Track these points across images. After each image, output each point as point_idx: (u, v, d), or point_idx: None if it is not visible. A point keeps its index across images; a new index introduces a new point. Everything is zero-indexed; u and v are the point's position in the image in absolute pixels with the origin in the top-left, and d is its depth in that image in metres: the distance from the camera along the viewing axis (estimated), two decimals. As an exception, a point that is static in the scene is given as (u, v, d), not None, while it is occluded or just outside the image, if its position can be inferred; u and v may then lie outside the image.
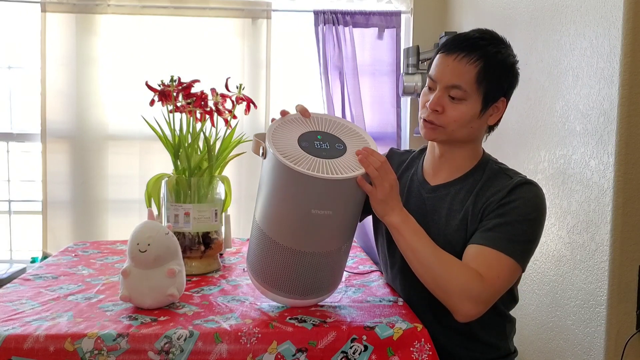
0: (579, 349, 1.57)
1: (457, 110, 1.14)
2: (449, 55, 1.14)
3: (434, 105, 1.14)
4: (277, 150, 1.05)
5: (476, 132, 1.19)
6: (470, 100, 1.14)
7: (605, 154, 1.45)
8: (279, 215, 1.10)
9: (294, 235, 1.09)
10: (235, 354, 1.02)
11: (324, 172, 1.03)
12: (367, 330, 1.06)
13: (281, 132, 1.10)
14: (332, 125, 1.16)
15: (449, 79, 1.13)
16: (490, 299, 1.08)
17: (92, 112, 2.65)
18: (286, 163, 1.02)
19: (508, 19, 2.04)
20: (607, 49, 1.45)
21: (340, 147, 1.11)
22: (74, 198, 2.67)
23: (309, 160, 1.05)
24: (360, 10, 2.71)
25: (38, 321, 1.08)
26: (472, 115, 1.15)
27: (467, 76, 1.12)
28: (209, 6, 2.67)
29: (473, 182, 1.20)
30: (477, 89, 1.13)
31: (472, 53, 1.12)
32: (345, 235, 1.13)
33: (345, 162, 1.07)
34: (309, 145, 1.09)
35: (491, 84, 1.14)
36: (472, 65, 1.12)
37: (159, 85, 1.48)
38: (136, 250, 1.13)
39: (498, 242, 1.09)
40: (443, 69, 1.15)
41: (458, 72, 1.13)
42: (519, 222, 1.10)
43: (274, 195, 1.09)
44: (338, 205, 1.07)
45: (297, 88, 2.93)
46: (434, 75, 1.16)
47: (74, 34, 2.62)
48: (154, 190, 1.50)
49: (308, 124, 1.14)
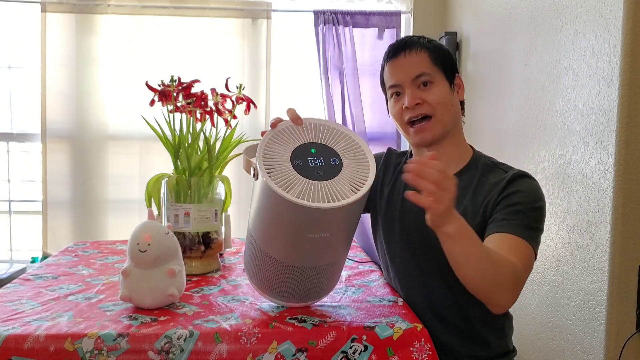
0: (578, 349, 1.57)
1: (433, 92, 1.20)
2: (397, 58, 1.22)
3: (412, 100, 1.19)
4: (269, 173, 1.00)
5: (458, 112, 1.24)
6: (437, 81, 1.21)
7: (605, 154, 1.45)
8: (272, 234, 1.06)
9: (288, 253, 1.07)
10: (235, 353, 1.02)
11: (320, 198, 0.98)
12: (367, 330, 1.06)
13: (272, 149, 1.04)
14: (326, 134, 1.10)
15: (411, 73, 1.20)
16: (522, 286, 1.07)
17: (92, 112, 2.65)
18: (279, 192, 0.97)
19: (508, 19, 2.04)
20: (607, 49, 1.45)
21: (335, 162, 1.05)
22: (74, 198, 2.67)
23: (302, 184, 0.99)
24: (360, 10, 2.71)
25: (38, 321, 1.08)
26: (447, 92, 1.21)
27: (423, 62, 1.20)
28: (209, 6, 2.67)
29: (468, 179, 1.20)
30: (437, 69, 1.21)
31: (414, 46, 1.22)
32: (343, 248, 1.11)
33: (342, 182, 1.02)
34: (303, 164, 1.03)
35: (444, 63, 1.22)
36: (421, 53, 1.21)
37: (159, 85, 1.49)
38: (136, 250, 1.13)
39: (516, 228, 1.09)
40: (400, 70, 1.22)
41: (413, 63, 1.20)
42: (529, 210, 1.11)
43: (267, 217, 1.05)
44: (335, 228, 1.04)
45: (297, 88, 2.93)
46: (395, 81, 1.22)
47: (74, 34, 2.61)
48: (154, 190, 1.50)
49: (300, 133, 1.08)
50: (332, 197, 0.99)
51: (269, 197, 1.01)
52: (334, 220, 1.02)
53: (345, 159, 1.07)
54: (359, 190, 1.01)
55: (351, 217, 1.06)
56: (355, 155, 1.08)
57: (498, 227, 1.10)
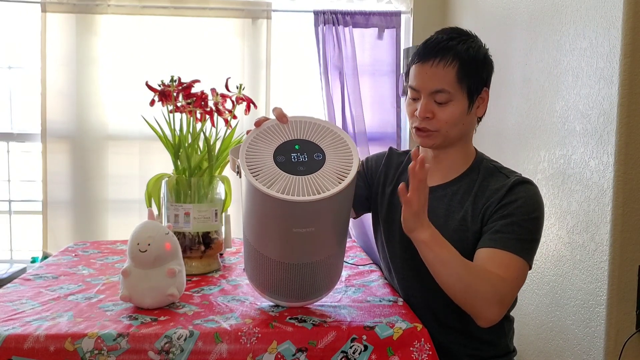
0: (578, 349, 1.57)
1: (446, 112, 1.16)
2: (425, 63, 1.16)
3: (423, 112, 1.16)
4: (251, 170, 1.00)
5: (468, 127, 1.21)
6: (456, 100, 1.16)
7: (605, 154, 1.45)
8: (261, 231, 1.07)
9: (279, 250, 1.07)
10: (235, 353, 1.02)
11: (302, 192, 0.98)
12: (367, 330, 1.06)
13: (256, 147, 1.05)
14: (311, 130, 1.10)
15: (431, 86, 1.15)
16: (511, 300, 1.09)
17: (92, 112, 2.65)
18: (259, 187, 0.98)
19: (508, 19, 2.04)
20: (607, 49, 1.45)
21: (319, 157, 1.05)
22: (74, 198, 2.67)
23: (284, 180, 1.00)
24: (360, 10, 2.71)
25: (38, 321, 1.08)
26: (461, 112, 1.17)
27: (447, 78, 1.15)
28: (209, 6, 2.67)
29: (470, 182, 1.20)
30: (459, 87, 1.15)
31: (446, 55, 1.15)
32: (334, 243, 1.11)
33: (324, 175, 1.02)
34: (286, 159, 1.04)
35: (471, 79, 1.17)
36: (449, 67, 1.14)
37: (159, 85, 1.49)
38: (136, 250, 1.13)
39: (508, 243, 1.09)
40: (422, 78, 1.17)
41: (438, 77, 1.15)
42: (524, 222, 1.11)
43: (253, 214, 1.06)
44: (320, 222, 1.04)
45: (297, 88, 2.93)
46: (415, 85, 1.18)
47: (74, 34, 2.61)
48: (154, 190, 1.50)
49: (285, 131, 1.08)
50: (315, 190, 0.99)
51: (253, 195, 1.02)
52: (317, 214, 1.02)
53: (329, 154, 1.07)
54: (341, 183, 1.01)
55: (337, 210, 1.06)
56: (339, 149, 1.08)
57: (490, 242, 1.11)
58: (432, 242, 1.05)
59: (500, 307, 1.06)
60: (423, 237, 1.05)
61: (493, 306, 1.05)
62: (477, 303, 1.05)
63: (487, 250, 1.11)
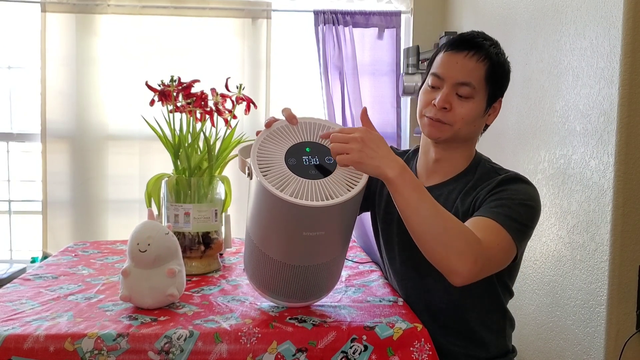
0: (578, 349, 1.57)
1: (464, 107, 1.14)
2: (458, 52, 1.14)
3: (443, 102, 1.13)
4: (263, 172, 0.99)
5: (477, 130, 1.20)
6: (477, 99, 1.15)
7: (605, 154, 1.45)
8: (269, 233, 1.06)
9: (285, 252, 1.07)
10: (235, 353, 1.02)
11: (314, 196, 0.97)
12: (367, 330, 1.06)
13: (267, 148, 1.04)
14: (321, 132, 1.09)
15: (459, 76, 1.13)
16: (485, 264, 1.00)
17: (92, 112, 2.65)
18: (272, 190, 0.96)
19: (508, 19, 2.04)
20: (607, 49, 1.45)
21: (330, 160, 1.04)
22: (74, 198, 2.67)
23: (296, 183, 0.99)
24: (360, 10, 2.71)
25: (38, 321, 1.08)
26: (478, 113, 1.16)
27: (476, 73, 1.13)
28: (209, 6, 2.67)
29: (465, 182, 1.20)
30: (485, 87, 1.15)
31: (480, 52, 1.14)
32: (339, 246, 1.11)
33: (336, 180, 1.01)
34: (297, 162, 1.02)
35: (495, 84, 1.16)
36: (482, 63, 1.14)
37: (159, 85, 1.49)
38: (136, 250, 1.13)
39: (497, 215, 1.06)
40: (452, 66, 1.14)
41: (468, 69, 1.13)
42: (515, 205, 1.08)
43: (262, 215, 1.05)
44: (331, 226, 1.04)
45: (297, 88, 2.93)
46: (440, 72, 1.15)
47: (74, 34, 2.62)
48: (154, 190, 1.50)
49: (295, 133, 1.07)
50: (326, 195, 0.98)
51: (263, 197, 1.01)
52: (328, 219, 1.02)
53: None
54: (353, 189, 1.00)
55: (346, 215, 1.06)
56: None
57: (477, 214, 1.08)
58: (399, 182, 0.98)
59: (472, 264, 0.97)
60: (388, 175, 0.98)
61: (464, 259, 0.96)
62: (446, 254, 0.97)
63: (474, 218, 1.07)
